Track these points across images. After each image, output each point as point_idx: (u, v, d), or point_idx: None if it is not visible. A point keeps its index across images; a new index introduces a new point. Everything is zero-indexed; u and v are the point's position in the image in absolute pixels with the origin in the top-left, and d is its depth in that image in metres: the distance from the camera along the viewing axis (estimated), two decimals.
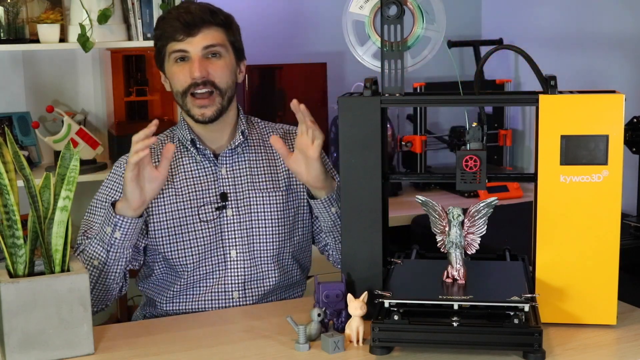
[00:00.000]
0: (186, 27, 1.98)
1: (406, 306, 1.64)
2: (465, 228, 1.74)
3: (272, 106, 3.36)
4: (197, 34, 1.99)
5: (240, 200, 2.06)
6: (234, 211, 2.05)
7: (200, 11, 2.01)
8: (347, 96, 1.81)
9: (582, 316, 1.76)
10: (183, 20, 1.98)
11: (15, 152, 1.69)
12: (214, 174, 2.07)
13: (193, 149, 2.07)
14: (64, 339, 1.66)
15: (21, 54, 3.17)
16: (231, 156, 2.08)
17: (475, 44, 3.66)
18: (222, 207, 2.05)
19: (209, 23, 2.00)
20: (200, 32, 1.99)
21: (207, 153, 2.07)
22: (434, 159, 3.74)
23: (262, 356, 1.67)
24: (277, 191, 2.09)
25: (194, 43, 1.99)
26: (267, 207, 2.07)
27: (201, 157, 2.07)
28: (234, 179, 2.07)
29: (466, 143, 1.75)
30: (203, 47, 1.99)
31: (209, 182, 2.06)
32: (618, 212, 1.73)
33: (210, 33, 2.00)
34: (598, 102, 1.71)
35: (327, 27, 3.53)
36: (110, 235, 1.91)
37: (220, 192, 2.06)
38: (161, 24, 2.04)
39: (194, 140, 2.06)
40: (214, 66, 2.01)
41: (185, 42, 1.99)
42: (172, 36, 2.00)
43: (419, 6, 1.80)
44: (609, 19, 3.20)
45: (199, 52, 1.99)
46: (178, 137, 2.11)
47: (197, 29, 1.99)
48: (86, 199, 3.21)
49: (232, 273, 2.04)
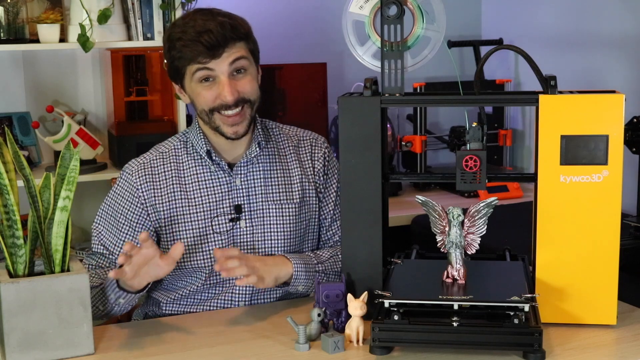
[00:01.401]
0: (210, 50, 1.91)
1: (406, 306, 1.64)
2: (465, 228, 1.74)
3: (272, 106, 3.36)
4: (222, 55, 1.93)
5: (253, 211, 2.03)
6: (247, 222, 2.03)
7: (222, 29, 1.92)
8: (347, 96, 1.81)
9: (582, 316, 1.76)
10: (205, 42, 1.90)
11: (15, 152, 1.69)
12: (228, 184, 2.04)
13: (208, 159, 2.04)
14: (64, 339, 1.66)
15: (21, 54, 3.17)
16: (246, 166, 2.05)
17: (475, 44, 3.66)
18: (235, 218, 2.02)
19: (232, 40, 1.93)
20: (225, 51, 1.93)
21: (222, 164, 2.03)
22: (434, 159, 3.74)
23: (262, 356, 1.67)
24: (291, 203, 2.07)
25: (220, 64, 1.93)
26: (280, 219, 2.05)
27: (215, 167, 2.04)
28: (248, 190, 2.04)
29: (466, 143, 1.75)
30: (229, 64, 1.94)
31: (222, 193, 2.03)
32: (618, 212, 1.73)
33: (234, 50, 1.94)
34: (598, 102, 1.71)
35: (327, 27, 3.53)
36: (114, 300, 1.88)
37: (234, 203, 2.02)
38: (178, 45, 1.94)
39: (209, 152, 2.03)
40: (242, 83, 1.97)
41: (211, 64, 1.93)
42: (194, 59, 1.93)
43: (419, 6, 1.80)
44: (609, 19, 3.20)
45: (226, 71, 1.94)
46: (192, 144, 2.06)
47: (221, 50, 1.92)
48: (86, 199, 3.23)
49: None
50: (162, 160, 2.05)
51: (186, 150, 2.07)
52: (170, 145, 2.09)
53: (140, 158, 2.07)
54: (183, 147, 2.08)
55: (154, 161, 2.05)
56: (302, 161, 2.12)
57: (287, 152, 2.12)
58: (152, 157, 2.07)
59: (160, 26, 3.01)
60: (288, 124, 2.24)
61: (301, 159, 2.12)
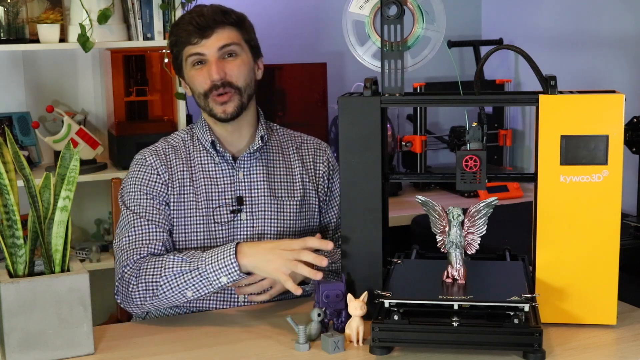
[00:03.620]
0: (200, 30, 1.99)
1: (406, 306, 1.64)
2: (465, 228, 1.74)
3: (272, 106, 3.37)
4: (211, 36, 2.00)
5: (255, 205, 2.07)
6: (247, 215, 2.06)
7: (213, 12, 2.02)
8: (347, 96, 1.81)
9: (582, 316, 1.76)
10: (196, 23, 2.00)
11: (15, 152, 1.69)
12: (231, 176, 2.08)
13: (213, 150, 2.08)
14: (64, 339, 1.66)
15: (21, 54, 3.17)
16: (249, 160, 2.09)
17: (475, 44, 3.66)
18: (237, 210, 2.05)
19: (222, 23, 2.01)
20: (214, 33, 2.00)
21: (226, 155, 2.08)
22: (434, 159, 3.75)
23: (262, 356, 1.67)
24: (292, 200, 2.10)
25: (209, 45, 2.00)
26: (281, 214, 2.08)
27: (220, 159, 2.08)
28: (250, 183, 2.08)
29: (466, 143, 1.75)
30: (218, 48, 2.01)
31: (225, 185, 2.07)
32: (618, 212, 1.73)
33: (224, 33, 2.02)
34: (598, 102, 1.71)
35: (327, 27, 3.53)
36: (224, 284, 1.85)
37: (236, 195, 2.06)
38: (175, 30, 2.05)
39: (214, 142, 2.07)
40: (230, 65, 2.02)
41: (201, 45, 2.00)
42: (187, 40, 2.01)
43: (419, 6, 1.80)
44: (609, 19, 3.20)
45: (215, 54, 2.01)
46: (197, 137, 2.11)
47: (210, 30, 2.00)
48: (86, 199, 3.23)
49: None
50: (173, 149, 2.10)
51: (192, 143, 2.11)
52: (179, 137, 2.14)
53: (152, 147, 2.12)
54: (190, 140, 2.12)
55: (166, 149, 2.10)
56: (305, 162, 2.15)
57: (290, 151, 2.16)
58: (163, 146, 2.11)
59: (160, 26, 3.02)
60: (288, 124, 2.26)
61: (304, 160, 2.16)
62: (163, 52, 3.04)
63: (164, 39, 3.02)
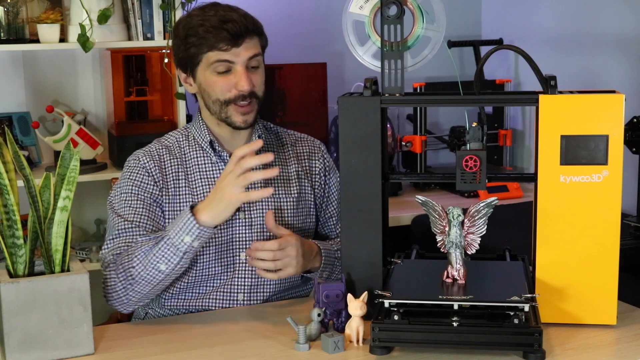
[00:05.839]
0: (233, 38, 1.95)
1: (406, 306, 1.64)
2: (465, 228, 1.74)
3: (272, 106, 3.37)
4: (242, 44, 1.96)
5: (252, 203, 2.06)
6: (246, 214, 2.05)
7: (245, 19, 1.97)
8: (347, 96, 1.81)
9: (582, 316, 1.76)
10: (230, 29, 1.94)
11: (15, 152, 1.69)
12: None
13: (210, 150, 2.07)
14: (64, 339, 1.66)
15: (21, 54, 3.17)
16: None
17: (475, 44, 3.66)
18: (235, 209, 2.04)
19: (252, 32, 1.98)
20: (244, 42, 1.97)
21: (224, 155, 2.07)
22: (434, 159, 3.74)
23: (262, 356, 1.67)
24: (289, 197, 2.10)
25: (240, 54, 1.97)
26: (278, 212, 2.08)
27: (217, 158, 2.07)
28: None
29: (466, 143, 1.76)
30: (248, 58, 1.98)
31: None
32: (618, 212, 1.73)
33: (252, 42, 1.98)
34: (598, 102, 1.71)
35: (327, 27, 3.53)
36: (189, 244, 1.84)
37: None
38: (200, 31, 1.96)
39: (212, 142, 2.07)
40: (255, 77, 2.00)
41: (231, 53, 1.96)
42: (215, 45, 1.95)
43: (419, 6, 1.80)
44: (609, 19, 3.20)
45: (244, 63, 1.97)
46: (194, 136, 2.10)
47: (242, 39, 1.96)
48: (86, 199, 3.23)
49: (239, 275, 2.04)
50: (167, 150, 2.09)
51: (188, 143, 2.10)
52: (173, 138, 2.12)
53: (145, 148, 2.10)
54: (185, 140, 2.11)
55: (160, 150, 2.09)
56: (300, 159, 2.16)
57: (285, 149, 2.17)
58: (156, 147, 2.10)
59: (160, 26, 3.02)
60: (288, 124, 2.26)
61: (299, 157, 2.16)
62: (163, 52, 3.04)
63: (164, 39, 3.02)
